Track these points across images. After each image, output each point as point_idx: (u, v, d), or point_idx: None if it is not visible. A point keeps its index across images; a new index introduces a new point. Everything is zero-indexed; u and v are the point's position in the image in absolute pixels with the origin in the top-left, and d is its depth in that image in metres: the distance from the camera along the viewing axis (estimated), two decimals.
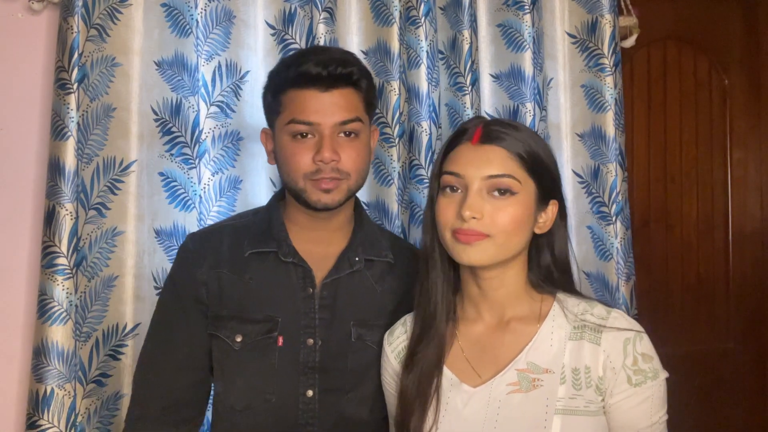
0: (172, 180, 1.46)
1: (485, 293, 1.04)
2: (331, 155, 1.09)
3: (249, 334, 1.13)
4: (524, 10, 1.64)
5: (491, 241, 0.98)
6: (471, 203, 0.97)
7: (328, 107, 1.10)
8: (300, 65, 1.11)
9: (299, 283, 1.15)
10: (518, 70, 1.65)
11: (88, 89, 1.38)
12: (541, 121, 1.66)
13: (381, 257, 1.21)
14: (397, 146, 1.56)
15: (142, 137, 1.43)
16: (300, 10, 1.52)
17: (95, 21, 1.39)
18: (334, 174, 1.10)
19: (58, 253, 1.32)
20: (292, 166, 1.12)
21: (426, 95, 1.58)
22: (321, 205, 1.12)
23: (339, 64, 1.11)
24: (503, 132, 1.01)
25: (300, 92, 1.11)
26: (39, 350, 1.32)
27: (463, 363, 1.04)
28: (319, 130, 1.10)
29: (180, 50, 1.46)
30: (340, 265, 1.17)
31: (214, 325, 1.15)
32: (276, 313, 1.14)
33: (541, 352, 1.00)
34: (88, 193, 1.38)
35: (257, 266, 1.16)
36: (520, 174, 0.99)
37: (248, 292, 1.15)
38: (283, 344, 1.13)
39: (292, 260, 1.15)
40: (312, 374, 1.13)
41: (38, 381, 1.32)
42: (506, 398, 0.98)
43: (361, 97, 1.14)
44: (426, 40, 1.58)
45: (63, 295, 1.32)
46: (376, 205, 1.58)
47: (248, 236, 1.18)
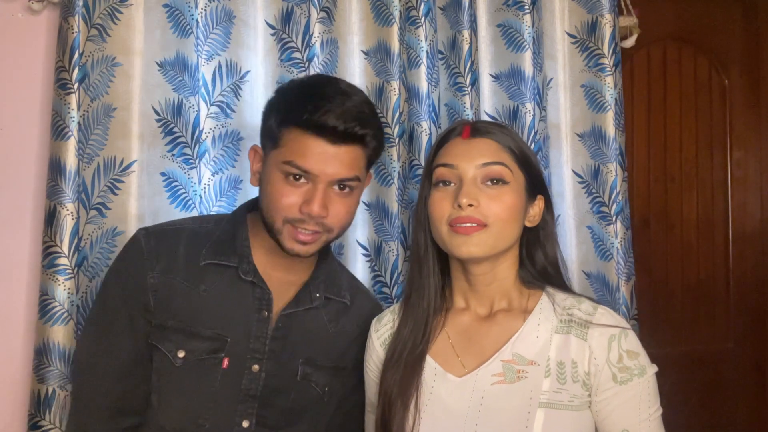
0: (173, 180, 1.46)
1: (476, 287, 1.06)
2: (320, 210, 1.04)
3: (193, 351, 1.06)
4: (524, 10, 1.64)
5: (488, 232, 0.99)
6: (467, 191, 0.99)
7: (330, 161, 1.03)
8: (317, 110, 1.02)
9: (255, 305, 1.10)
10: (518, 70, 1.65)
11: (89, 89, 1.38)
12: (541, 121, 1.66)
13: (339, 297, 1.18)
14: (397, 146, 1.56)
15: (143, 137, 1.43)
16: (297, 9, 1.52)
17: (96, 21, 1.39)
18: (316, 227, 1.06)
19: (59, 253, 1.32)
20: (277, 206, 1.06)
21: (426, 95, 1.58)
22: (293, 252, 1.08)
23: (358, 123, 1.04)
24: (492, 127, 1.06)
25: (307, 137, 1.03)
26: (40, 350, 1.32)
27: (449, 352, 1.05)
28: (314, 179, 1.04)
29: (181, 50, 1.46)
30: (301, 298, 1.13)
31: (157, 335, 1.07)
32: (226, 332, 1.07)
33: (527, 344, 1.00)
34: (89, 193, 1.38)
35: (213, 279, 1.09)
36: (511, 164, 1.03)
37: (200, 304, 1.08)
38: (227, 367, 1.06)
39: (252, 279, 1.10)
40: (251, 403, 1.07)
41: (40, 381, 1.31)
42: (490, 389, 0.99)
43: (366, 155, 1.10)
44: (426, 40, 1.58)
45: (64, 295, 1.32)
46: (376, 205, 1.58)
47: (208, 244, 1.11)
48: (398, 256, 1.55)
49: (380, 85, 1.58)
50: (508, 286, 1.06)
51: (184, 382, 1.06)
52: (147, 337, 1.08)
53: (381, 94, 1.57)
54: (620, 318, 1.02)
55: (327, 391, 1.14)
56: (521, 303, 1.05)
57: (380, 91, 1.58)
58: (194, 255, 1.10)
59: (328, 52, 1.53)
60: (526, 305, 1.05)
